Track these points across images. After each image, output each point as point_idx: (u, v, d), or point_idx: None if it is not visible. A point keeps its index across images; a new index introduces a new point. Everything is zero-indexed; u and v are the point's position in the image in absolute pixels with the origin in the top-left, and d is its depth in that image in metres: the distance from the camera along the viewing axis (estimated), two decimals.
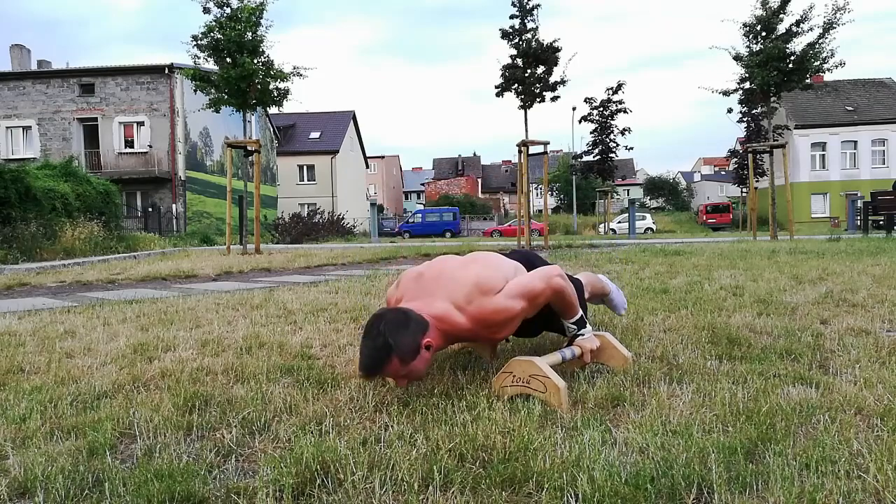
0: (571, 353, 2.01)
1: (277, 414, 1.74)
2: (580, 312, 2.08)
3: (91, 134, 24.83)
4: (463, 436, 1.48)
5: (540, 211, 24.19)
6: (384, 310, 1.86)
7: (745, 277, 4.58)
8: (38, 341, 2.91)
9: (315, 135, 40.90)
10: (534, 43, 12.41)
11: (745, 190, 33.87)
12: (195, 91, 11.39)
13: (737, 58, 12.76)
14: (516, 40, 12.59)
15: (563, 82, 12.59)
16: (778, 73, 12.14)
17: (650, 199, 58.12)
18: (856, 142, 33.42)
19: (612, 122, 31.50)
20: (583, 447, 1.39)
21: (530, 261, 2.23)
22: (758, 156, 15.02)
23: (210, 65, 10.78)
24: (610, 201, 30.98)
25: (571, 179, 37.72)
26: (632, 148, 36.56)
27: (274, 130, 34.67)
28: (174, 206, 24.13)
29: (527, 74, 12.40)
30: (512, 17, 12.71)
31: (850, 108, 34.22)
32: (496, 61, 12.78)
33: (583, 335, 2.06)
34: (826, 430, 1.49)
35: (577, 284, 2.44)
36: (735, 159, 35.23)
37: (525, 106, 12.53)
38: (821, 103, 34.19)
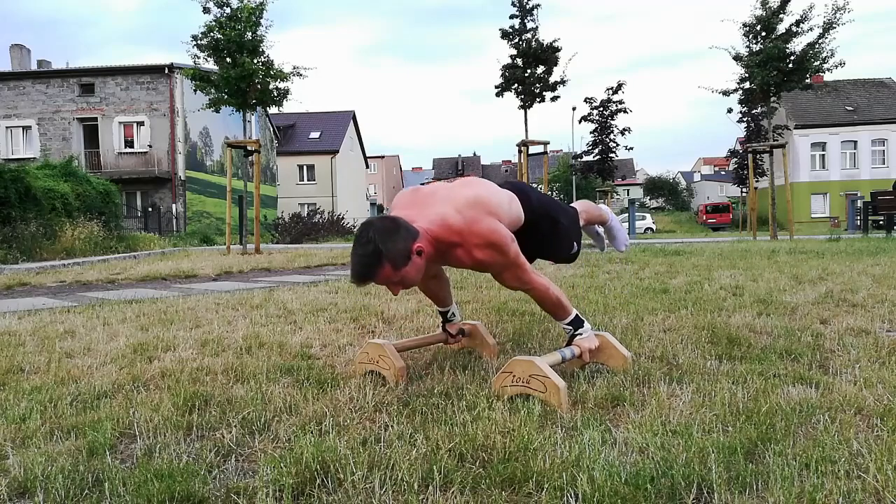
0: (571, 352, 2.01)
1: (277, 414, 1.74)
2: (573, 313, 2.06)
3: (91, 134, 24.83)
4: (463, 436, 1.48)
5: None
6: (373, 218, 1.82)
7: (745, 277, 4.58)
8: (38, 341, 2.91)
9: (315, 135, 40.89)
10: (534, 43, 12.43)
11: (744, 190, 33.85)
12: (195, 91, 11.39)
13: (737, 58, 12.76)
14: (516, 40, 12.61)
15: (563, 82, 12.61)
16: (778, 73, 12.14)
17: (650, 199, 58.10)
18: (856, 142, 33.42)
19: (612, 122, 31.49)
20: (583, 447, 1.39)
21: (524, 192, 2.22)
22: (758, 156, 15.02)
23: (210, 65, 10.78)
24: (610, 201, 30.96)
25: (571, 179, 37.70)
26: (632, 148, 36.54)
27: (274, 130, 34.66)
28: (174, 205, 24.13)
29: (527, 74, 12.41)
30: (512, 17, 12.73)
31: (850, 108, 34.22)
32: (496, 61, 12.80)
33: (581, 335, 2.05)
34: (826, 430, 1.49)
35: (571, 211, 2.46)
36: (735, 159, 35.21)
37: (525, 106, 12.54)
38: (821, 103, 34.18)
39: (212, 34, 10.26)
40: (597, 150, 31.86)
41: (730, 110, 15.84)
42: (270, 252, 11.11)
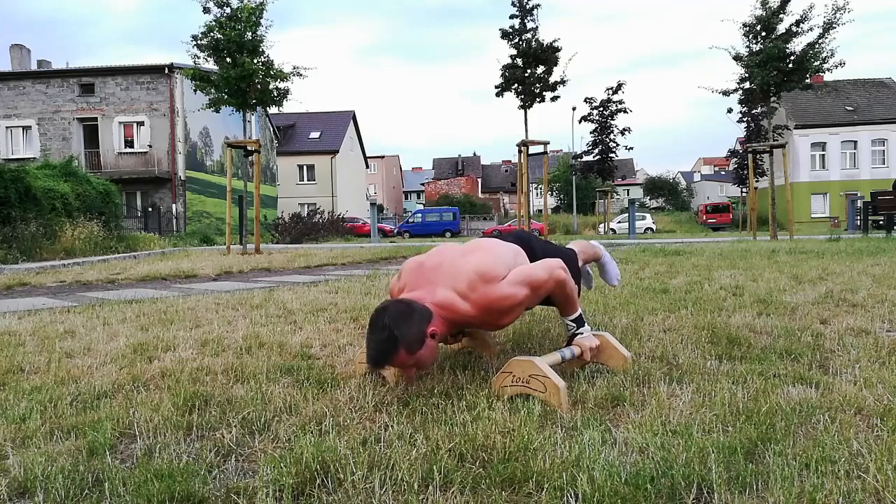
0: (571, 352, 2.01)
1: (277, 414, 1.74)
2: (579, 310, 2.09)
3: (91, 134, 24.84)
4: (463, 436, 1.48)
5: (540, 211, 24.19)
6: (387, 302, 1.86)
7: (744, 277, 4.58)
8: (38, 341, 2.91)
9: (315, 135, 40.91)
10: (534, 43, 12.43)
11: (745, 190, 33.85)
12: (195, 91, 11.40)
13: (737, 58, 12.77)
14: (516, 40, 12.61)
15: (562, 82, 12.61)
16: (778, 73, 12.14)
17: (650, 199, 58.10)
18: (856, 142, 33.42)
19: (612, 122, 31.53)
20: (583, 447, 1.39)
21: (527, 242, 2.25)
22: (758, 156, 15.02)
23: (210, 65, 10.79)
24: (610, 201, 30.98)
25: (571, 179, 37.73)
26: (632, 148, 36.62)
27: (274, 130, 34.67)
28: (174, 205, 24.13)
29: (527, 74, 12.41)
30: (512, 17, 12.74)
31: (849, 108, 34.22)
32: (496, 61, 12.81)
33: (582, 334, 2.06)
34: (826, 430, 1.49)
35: (571, 253, 2.48)
36: (735, 159, 35.21)
37: (525, 106, 12.54)
38: (821, 103, 34.19)
39: (212, 34, 10.26)
40: (597, 150, 31.91)
41: (730, 110, 15.88)
42: (270, 252, 11.11)
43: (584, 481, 1.22)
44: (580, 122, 32.03)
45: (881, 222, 12.94)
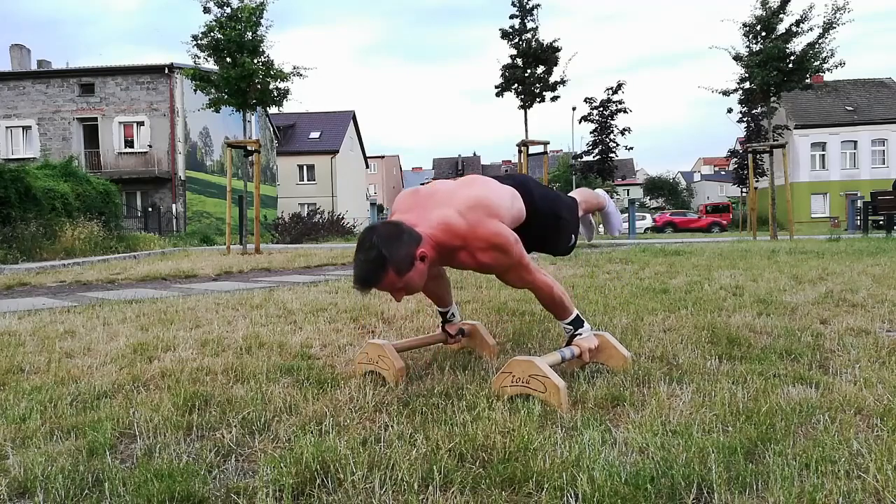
0: (571, 352, 2.01)
1: (277, 414, 1.74)
2: (574, 312, 2.07)
3: (91, 134, 24.83)
4: (463, 436, 1.48)
5: None
6: (376, 223, 1.80)
7: (745, 277, 4.58)
8: (38, 341, 2.91)
9: (315, 135, 40.89)
10: (534, 43, 12.42)
11: (745, 190, 33.87)
12: (195, 91, 11.39)
13: (737, 58, 12.76)
14: (516, 40, 12.60)
15: (562, 82, 12.60)
16: (778, 73, 12.13)
17: (650, 199, 58.08)
18: (856, 142, 33.42)
19: (612, 122, 31.55)
20: (583, 447, 1.39)
21: (525, 186, 2.19)
22: (758, 156, 15.02)
23: (210, 65, 10.78)
24: None
25: (571, 179, 37.72)
26: (632, 148, 36.63)
27: (274, 130, 34.67)
28: (174, 205, 24.13)
29: (527, 74, 12.40)
30: (512, 16, 12.72)
31: (850, 108, 34.22)
32: (496, 61, 12.79)
33: (581, 334, 2.06)
34: (826, 430, 1.49)
35: (571, 201, 2.46)
36: (735, 159, 35.23)
37: (525, 106, 12.53)
38: (821, 103, 34.19)
39: (212, 34, 10.26)
40: (597, 150, 31.93)
41: (730, 110, 15.85)
42: (270, 252, 11.11)
43: (584, 481, 1.22)
44: (580, 122, 32.06)
45: (881, 222, 12.94)
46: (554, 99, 12.70)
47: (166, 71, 24.01)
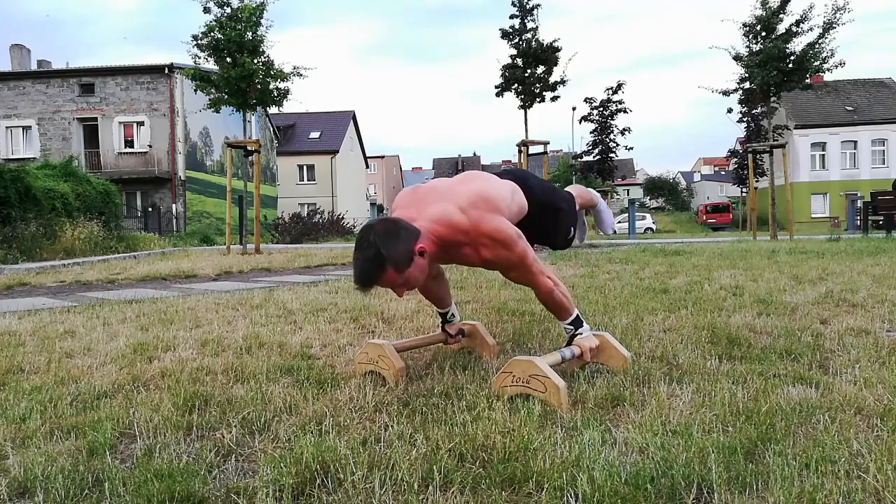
0: (571, 352, 2.01)
1: (277, 414, 1.74)
2: (575, 312, 2.07)
3: (91, 134, 24.84)
4: (463, 436, 1.48)
5: None
6: (373, 220, 1.80)
7: (745, 277, 4.58)
8: (38, 341, 2.91)
9: (315, 135, 40.88)
10: (534, 43, 12.42)
11: (744, 190, 33.88)
12: (195, 91, 11.38)
13: (737, 58, 12.75)
14: (516, 40, 12.60)
15: (562, 82, 12.60)
16: (778, 73, 12.12)
17: (650, 199, 58.09)
18: (856, 142, 33.42)
19: (612, 122, 31.56)
20: (583, 447, 1.39)
21: (524, 180, 2.19)
22: (758, 156, 15.00)
23: (210, 65, 10.78)
24: (610, 201, 30.99)
25: (571, 179, 37.71)
26: (632, 148, 36.65)
27: (274, 130, 34.67)
28: (174, 205, 24.13)
29: (527, 74, 12.40)
30: (512, 17, 12.73)
31: (850, 108, 34.22)
32: (496, 61, 12.79)
33: (581, 334, 2.05)
34: (826, 430, 1.48)
35: (569, 196, 2.47)
36: (735, 159, 35.25)
37: (525, 106, 12.53)
38: (821, 103, 34.19)
39: (212, 34, 10.26)
40: (597, 150, 31.94)
41: (730, 110, 15.84)
42: (270, 252, 11.10)
43: (584, 481, 1.22)
44: (580, 122, 32.08)
45: (881, 222, 12.93)
46: (554, 99, 12.70)
47: (166, 71, 24.02)
